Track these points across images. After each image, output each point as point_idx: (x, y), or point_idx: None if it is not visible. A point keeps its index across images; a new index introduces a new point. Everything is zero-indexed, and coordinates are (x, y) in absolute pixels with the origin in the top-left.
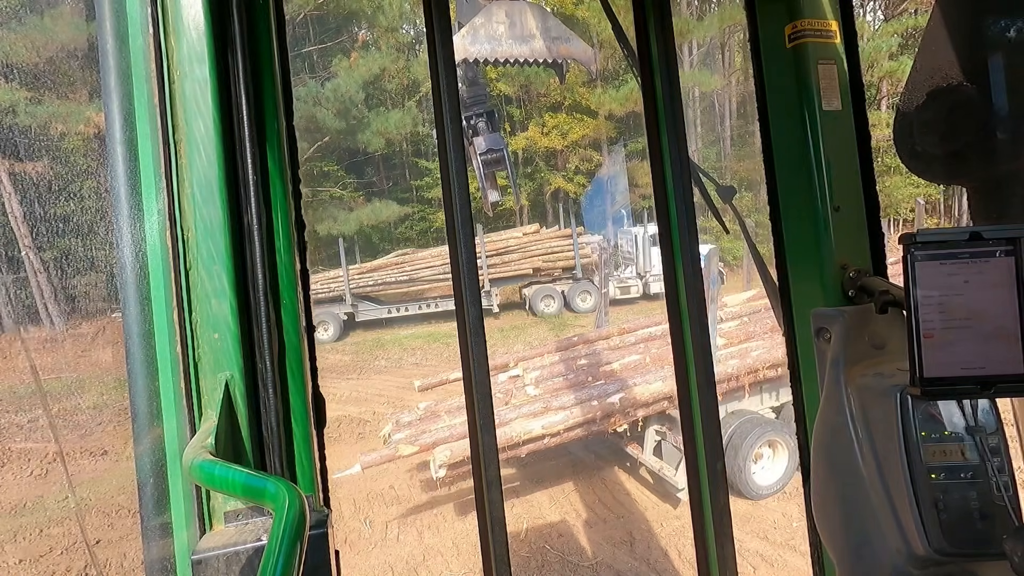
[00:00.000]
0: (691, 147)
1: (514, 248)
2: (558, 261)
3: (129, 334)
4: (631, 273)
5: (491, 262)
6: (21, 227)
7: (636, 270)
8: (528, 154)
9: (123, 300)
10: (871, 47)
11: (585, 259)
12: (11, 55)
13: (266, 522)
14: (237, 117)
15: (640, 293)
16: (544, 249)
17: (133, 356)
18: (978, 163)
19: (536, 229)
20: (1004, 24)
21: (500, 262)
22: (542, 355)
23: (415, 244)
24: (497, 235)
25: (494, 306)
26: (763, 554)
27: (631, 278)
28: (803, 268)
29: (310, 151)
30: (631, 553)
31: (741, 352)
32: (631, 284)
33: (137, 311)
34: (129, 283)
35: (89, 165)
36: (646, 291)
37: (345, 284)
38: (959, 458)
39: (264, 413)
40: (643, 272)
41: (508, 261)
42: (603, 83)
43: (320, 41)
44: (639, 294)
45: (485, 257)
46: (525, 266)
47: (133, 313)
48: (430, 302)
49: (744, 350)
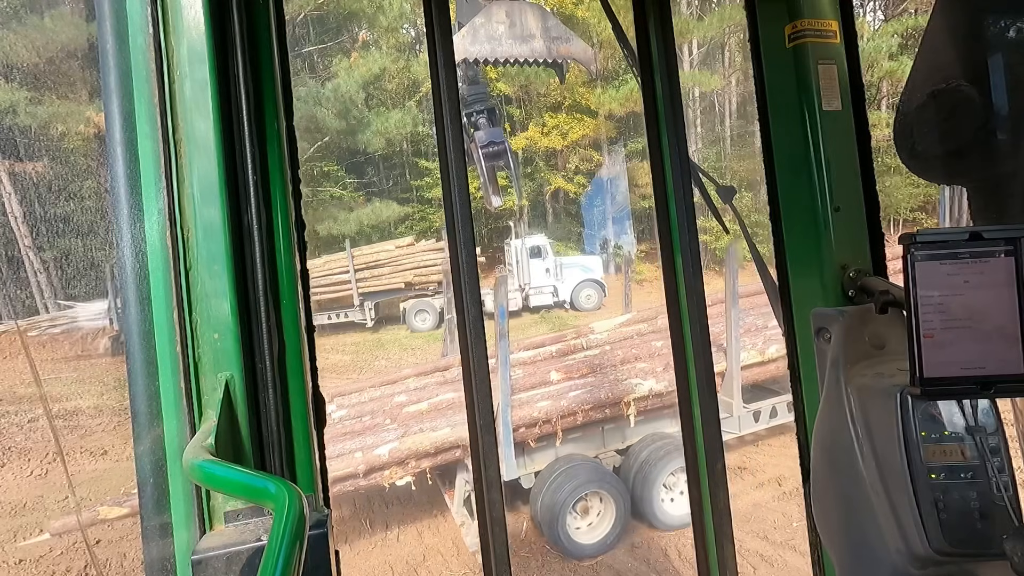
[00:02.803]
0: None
1: (385, 262)
2: (431, 275)
3: (129, 334)
4: (514, 286)
5: (364, 275)
6: (21, 227)
7: (517, 283)
8: (528, 154)
9: (123, 300)
10: (871, 47)
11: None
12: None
13: (266, 522)
14: (237, 117)
15: (519, 307)
16: (417, 263)
17: (133, 356)
18: (978, 163)
19: (410, 242)
20: (1004, 24)
21: (371, 275)
22: (362, 390)
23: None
24: (370, 248)
25: (368, 320)
26: (763, 554)
27: (511, 291)
28: (803, 268)
29: (310, 151)
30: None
31: (529, 400)
32: (510, 298)
33: (137, 311)
34: (129, 283)
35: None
36: (526, 304)
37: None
38: (959, 458)
39: (264, 413)
40: (523, 285)
41: (380, 275)
42: (603, 83)
43: (320, 41)
44: (516, 308)
45: (353, 271)
46: (397, 280)
47: (133, 313)
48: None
49: (531, 398)
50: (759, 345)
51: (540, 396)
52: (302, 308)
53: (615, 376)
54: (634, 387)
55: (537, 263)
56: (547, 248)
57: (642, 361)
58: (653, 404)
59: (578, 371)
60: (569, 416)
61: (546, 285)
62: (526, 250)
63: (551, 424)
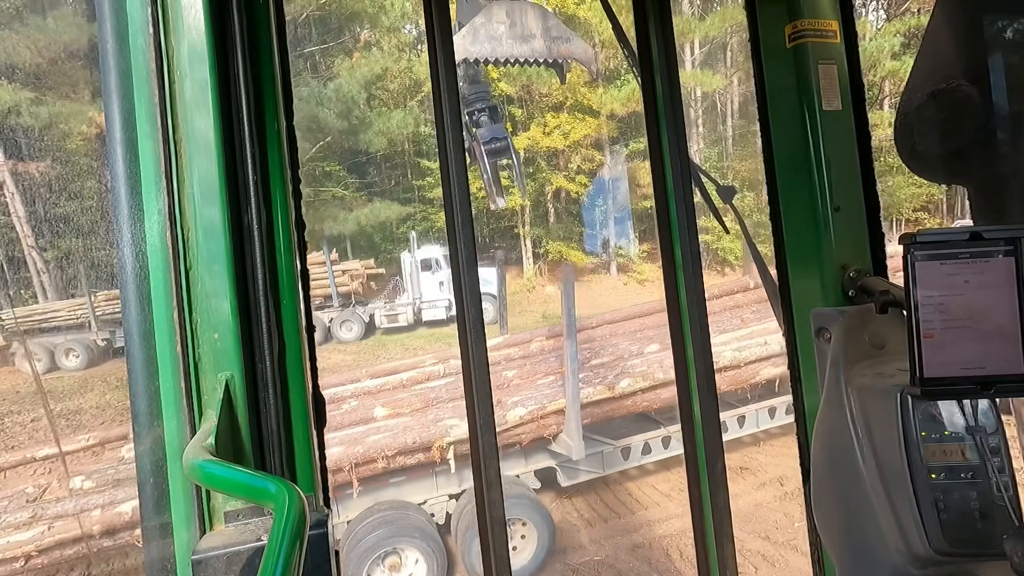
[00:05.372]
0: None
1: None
2: (314, 289)
3: (129, 334)
4: (407, 300)
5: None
6: (24, 227)
7: (410, 297)
8: (530, 154)
9: (123, 300)
10: (873, 46)
11: (344, 287)
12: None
13: (266, 522)
14: (237, 117)
15: (410, 321)
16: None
17: (133, 356)
18: (978, 163)
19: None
20: (1004, 24)
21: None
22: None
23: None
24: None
25: None
26: (765, 554)
27: (403, 305)
28: (803, 268)
29: (312, 151)
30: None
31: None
32: (400, 312)
33: (137, 311)
34: (129, 283)
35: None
36: (418, 318)
37: (90, 311)
38: (959, 458)
39: (264, 413)
40: (415, 299)
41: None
42: (605, 83)
43: (322, 41)
44: (407, 322)
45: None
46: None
47: (133, 313)
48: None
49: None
50: (608, 379)
51: (346, 439)
52: (302, 308)
53: (441, 413)
54: (449, 429)
55: (429, 276)
56: (441, 261)
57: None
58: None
59: (411, 406)
60: (366, 464)
61: (440, 299)
62: (417, 263)
63: (346, 472)
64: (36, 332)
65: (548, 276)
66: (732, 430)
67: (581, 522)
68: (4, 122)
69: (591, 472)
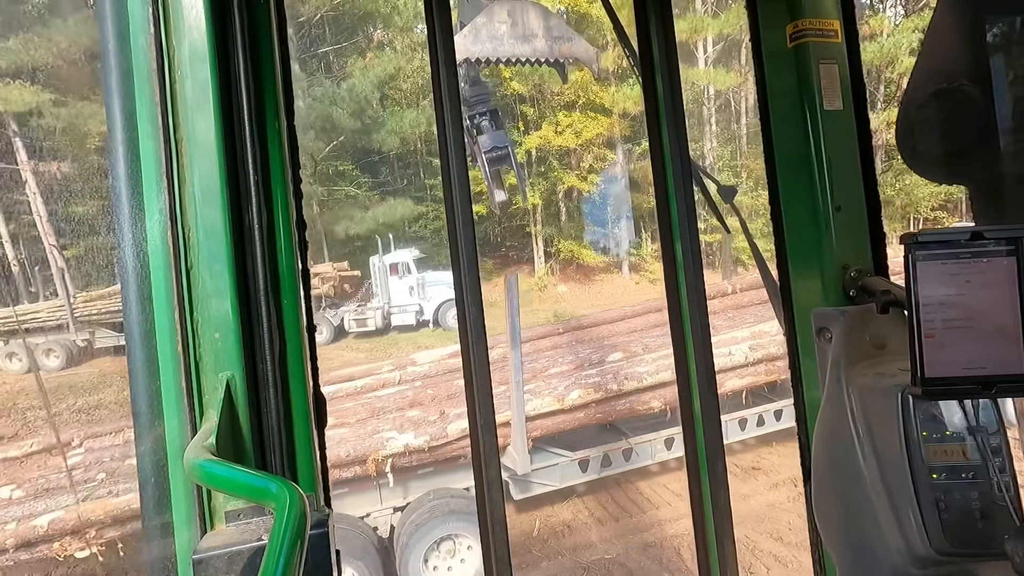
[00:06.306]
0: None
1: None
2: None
3: (130, 334)
4: (378, 304)
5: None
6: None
7: (380, 301)
8: (542, 153)
9: (124, 299)
10: (890, 43)
11: (314, 290)
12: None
13: (267, 522)
14: (238, 117)
15: (379, 326)
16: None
17: (134, 356)
18: (979, 163)
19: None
20: (1005, 24)
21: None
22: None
23: (428, 243)
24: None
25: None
26: (777, 555)
27: (372, 309)
28: (804, 268)
29: (326, 151)
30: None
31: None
32: (368, 317)
33: (138, 311)
34: (130, 283)
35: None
36: (387, 323)
37: (68, 312)
38: (960, 458)
39: (265, 413)
40: (384, 304)
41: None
42: (617, 81)
43: (336, 42)
44: (375, 327)
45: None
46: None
47: (134, 313)
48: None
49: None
50: (558, 390)
51: None
52: (303, 308)
53: (381, 425)
54: (385, 442)
55: (397, 281)
56: (411, 265)
57: (421, 407)
58: (420, 460)
59: (355, 415)
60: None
61: (410, 304)
62: (385, 267)
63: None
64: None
65: (560, 275)
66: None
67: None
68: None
69: (545, 485)
